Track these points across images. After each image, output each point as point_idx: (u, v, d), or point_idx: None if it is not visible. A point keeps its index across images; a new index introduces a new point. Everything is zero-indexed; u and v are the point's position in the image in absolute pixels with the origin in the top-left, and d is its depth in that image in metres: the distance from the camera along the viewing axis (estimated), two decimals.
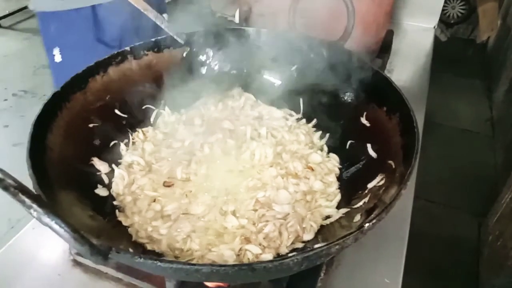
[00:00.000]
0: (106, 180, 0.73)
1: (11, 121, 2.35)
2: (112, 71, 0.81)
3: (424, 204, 1.90)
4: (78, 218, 0.57)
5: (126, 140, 0.81)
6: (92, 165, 0.73)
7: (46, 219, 0.40)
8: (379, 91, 0.77)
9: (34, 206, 0.39)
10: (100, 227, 0.61)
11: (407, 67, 1.39)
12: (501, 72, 2.52)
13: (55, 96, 0.69)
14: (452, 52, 2.68)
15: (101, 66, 0.79)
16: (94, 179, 0.71)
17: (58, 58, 0.96)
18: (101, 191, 0.70)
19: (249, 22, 1.10)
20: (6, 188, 0.39)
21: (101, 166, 0.73)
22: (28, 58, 2.94)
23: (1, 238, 1.65)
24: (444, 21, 2.00)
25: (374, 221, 0.52)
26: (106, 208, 0.69)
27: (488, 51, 2.93)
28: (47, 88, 2.26)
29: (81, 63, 0.75)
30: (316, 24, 0.99)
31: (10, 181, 0.40)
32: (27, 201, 0.39)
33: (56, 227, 0.40)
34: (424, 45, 1.54)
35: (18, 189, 0.39)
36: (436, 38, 1.61)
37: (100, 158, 0.74)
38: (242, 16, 1.12)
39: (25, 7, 3.64)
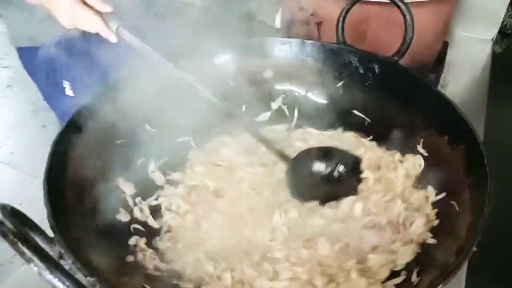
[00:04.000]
0: (130, 203, 0.67)
1: (49, 121, 2.36)
2: None
3: None
4: (95, 253, 0.51)
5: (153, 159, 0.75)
6: (117, 187, 0.67)
7: (48, 276, 0.33)
8: (441, 116, 0.67)
9: (35, 259, 0.33)
10: (118, 261, 0.55)
11: (462, 82, 1.27)
12: None
13: (81, 111, 0.64)
14: (508, 64, 2.47)
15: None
16: (117, 203, 0.65)
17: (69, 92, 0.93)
18: (123, 216, 0.64)
19: (291, 31, 1.01)
20: (4, 235, 0.33)
21: (126, 187, 0.67)
22: None
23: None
24: (500, 31, 1.85)
25: (440, 285, 0.43)
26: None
27: None
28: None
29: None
30: (368, 36, 0.90)
31: (9, 225, 0.34)
32: (27, 253, 0.33)
33: (59, 285, 0.33)
34: (480, 58, 1.41)
35: (18, 238, 0.33)
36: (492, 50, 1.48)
37: (126, 178, 0.68)
38: (284, 23, 1.04)
39: None
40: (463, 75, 1.30)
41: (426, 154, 0.69)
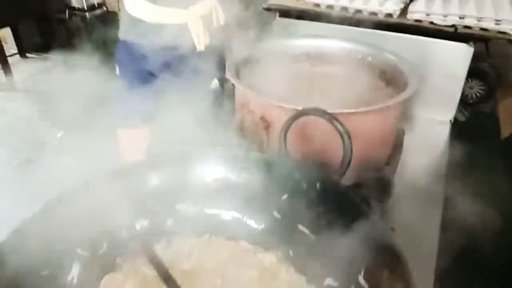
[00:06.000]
0: None
1: None
2: None
3: None
4: None
5: None
6: None
7: None
8: (379, 246, 0.65)
9: None
10: None
11: (420, 169, 1.26)
12: None
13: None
14: (468, 134, 2.50)
15: None
16: None
17: (117, 71, 1.31)
18: None
19: (243, 132, 1.00)
20: None
21: None
22: None
23: None
24: (463, 100, 1.90)
25: None
26: None
27: None
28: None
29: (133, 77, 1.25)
30: (313, 143, 0.89)
31: None
32: None
33: None
34: (439, 142, 1.41)
35: None
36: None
37: None
38: (237, 123, 1.02)
39: None
40: (420, 161, 1.29)
41: (367, 286, 0.65)
